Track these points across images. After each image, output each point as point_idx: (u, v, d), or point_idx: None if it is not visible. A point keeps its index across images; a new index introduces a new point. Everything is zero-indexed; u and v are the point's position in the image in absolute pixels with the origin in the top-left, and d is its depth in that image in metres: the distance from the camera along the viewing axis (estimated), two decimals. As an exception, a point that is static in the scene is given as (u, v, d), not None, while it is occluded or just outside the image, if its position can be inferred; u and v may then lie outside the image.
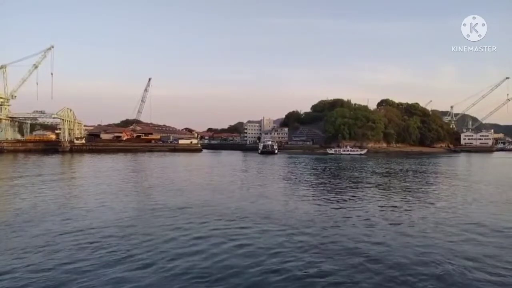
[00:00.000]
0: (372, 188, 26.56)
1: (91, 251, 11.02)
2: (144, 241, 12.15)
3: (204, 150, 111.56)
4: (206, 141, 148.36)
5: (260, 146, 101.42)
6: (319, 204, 19.69)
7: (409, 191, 25.12)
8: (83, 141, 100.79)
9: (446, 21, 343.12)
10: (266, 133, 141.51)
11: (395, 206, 19.02)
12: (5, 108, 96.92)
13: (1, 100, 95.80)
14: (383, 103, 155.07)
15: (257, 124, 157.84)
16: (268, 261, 10.26)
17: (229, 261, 10.26)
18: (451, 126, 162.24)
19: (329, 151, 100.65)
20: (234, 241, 12.14)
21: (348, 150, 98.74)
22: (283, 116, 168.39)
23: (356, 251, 11.21)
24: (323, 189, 26.21)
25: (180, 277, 9.16)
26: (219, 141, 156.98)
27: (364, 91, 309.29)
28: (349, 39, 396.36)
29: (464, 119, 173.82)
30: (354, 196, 22.50)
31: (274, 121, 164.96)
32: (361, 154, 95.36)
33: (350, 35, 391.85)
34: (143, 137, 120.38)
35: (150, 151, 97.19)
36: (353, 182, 30.66)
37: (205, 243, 11.95)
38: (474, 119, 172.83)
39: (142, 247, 11.42)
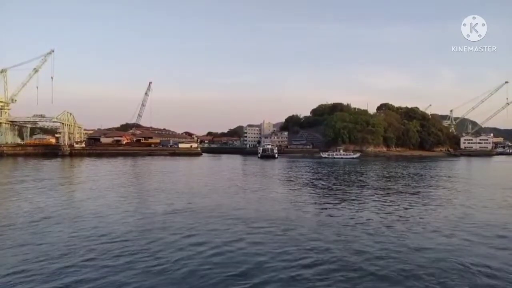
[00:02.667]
0: (371, 193, 26.51)
1: (114, 254, 11.15)
2: (165, 243, 12.42)
3: (204, 154, 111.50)
4: (206, 145, 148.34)
5: (260, 150, 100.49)
6: (324, 210, 19.68)
7: (412, 198, 25.06)
8: (83, 145, 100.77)
9: (445, 25, 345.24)
10: (266, 137, 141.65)
11: (397, 211, 18.98)
12: (5, 112, 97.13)
13: (1, 104, 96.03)
14: (383, 107, 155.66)
15: (257, 128, 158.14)
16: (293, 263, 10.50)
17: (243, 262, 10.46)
18: (450, 130, 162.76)
19: (323, 155, 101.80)
20: (253, 245, 12.27)
21: (341, 154, 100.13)
22: (283, 120, 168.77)
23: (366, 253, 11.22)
24: (325, 194, 26.19)
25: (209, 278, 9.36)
26: (219, 145, 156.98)
27: (364, 95, 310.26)
28: (348, 43, 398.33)
29: (463, 123, 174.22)
30: (354, 201, 22.47)
31: (274, 125, 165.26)
32: (353, 158, 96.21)
33: (349, 39, 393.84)
34: (143, 141, 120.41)
35: (150, 155, 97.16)
36: (350, 187, 30.63)
37: (219, 246, 12.11)
38: (474, 123, 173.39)
39: (164, 250, 11.64)
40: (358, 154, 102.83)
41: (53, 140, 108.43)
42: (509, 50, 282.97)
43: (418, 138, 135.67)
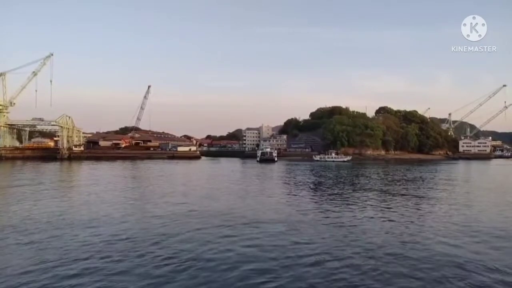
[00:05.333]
0: (370, 198, 26.53)
1: (131, 256, 11.39)
2: (179, 244, 12.79)
3: (203, 157, 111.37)
4: (205, 148, 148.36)
5: (259, 153, 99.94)
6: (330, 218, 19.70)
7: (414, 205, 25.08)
8: (82, 148, 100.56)
9: (444, 27, 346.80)
10: (265, 140, 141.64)
11: (396, 216, 19.00)
12: (4, 115, 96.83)
13: (0, 107, 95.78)
14: (381, 111, 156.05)
15: (256, 131, 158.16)
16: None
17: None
18: (449, 134, 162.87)
19: (315, 157, 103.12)
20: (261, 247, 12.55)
21: (332, 157, 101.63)
22: (282, 124, 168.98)
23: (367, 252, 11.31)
24: (323, 197, 26.21)
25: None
26: (218, 148, 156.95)
27: (362, 98, 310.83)
28: (347, 47, 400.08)
29: (462, 127, 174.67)
30: (351, 204, 22.50)
31: (273, 128, 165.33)
32: (344, 161, 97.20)
33: (348, 43, 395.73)
34: (142, 144, 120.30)
35: (149, 158, 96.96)
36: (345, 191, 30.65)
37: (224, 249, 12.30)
38: (472, 127, 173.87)
39: (178, 251, 11.99)
40: (349, 157, 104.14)
41: (51, 144, 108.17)
42: (508, 51, 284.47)
43: (416, 141, 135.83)
